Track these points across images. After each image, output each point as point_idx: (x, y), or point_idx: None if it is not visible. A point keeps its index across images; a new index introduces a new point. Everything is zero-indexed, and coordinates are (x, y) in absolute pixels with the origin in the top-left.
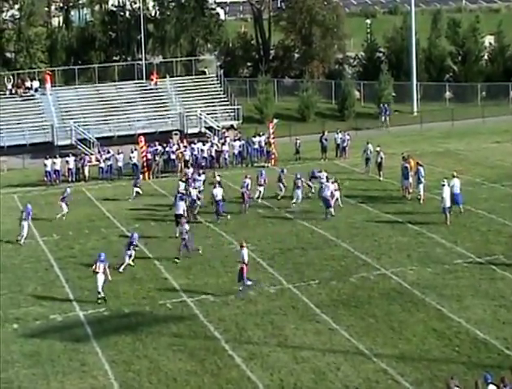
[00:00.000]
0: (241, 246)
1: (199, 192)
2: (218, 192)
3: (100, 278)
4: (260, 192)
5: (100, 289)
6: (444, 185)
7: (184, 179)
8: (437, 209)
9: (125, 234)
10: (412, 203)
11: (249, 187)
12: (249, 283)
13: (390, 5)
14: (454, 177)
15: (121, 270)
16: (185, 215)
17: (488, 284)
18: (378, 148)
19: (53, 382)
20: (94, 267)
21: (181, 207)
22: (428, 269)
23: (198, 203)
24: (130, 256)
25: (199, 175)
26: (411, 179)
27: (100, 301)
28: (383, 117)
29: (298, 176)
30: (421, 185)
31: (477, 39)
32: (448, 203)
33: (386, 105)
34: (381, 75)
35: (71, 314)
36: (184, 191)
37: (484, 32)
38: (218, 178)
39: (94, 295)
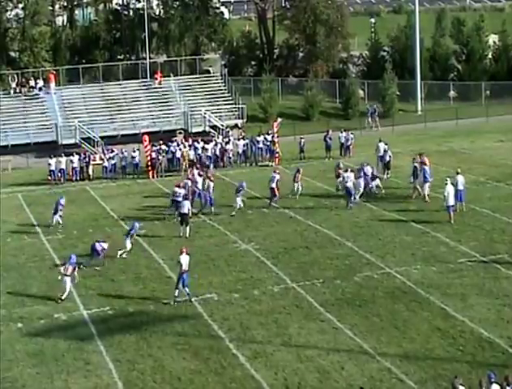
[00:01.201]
0: (181, 252)
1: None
2: (181, 192)
3: (68, 280)
4: (297, 188)
5: (67, 292)
6: (447, 183)
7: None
8: (441, 208)
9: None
10: (417, 202)
11: (279, 182)
12: (187, 290)
13: (395, 4)
14: (458, 173)
15: (118, 254)
16: (190, 214)
17: (492, 282)
18: (386, 147)
19: (57, 380)
20: (63, 269)
21: (186, 207)
22: (433, 268)
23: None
24: (130, 244)
25: (199, 175)
26: (420, 178)
27: (59, 301)
28: (369, 119)
29: (365, 165)
30: (426, 185)
31: (481, 38)
32: (451, 202)
33: (374, 106)
34: (385, 74)
35: (75, 313)
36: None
37: (489, 30)
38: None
39: (99, 294)
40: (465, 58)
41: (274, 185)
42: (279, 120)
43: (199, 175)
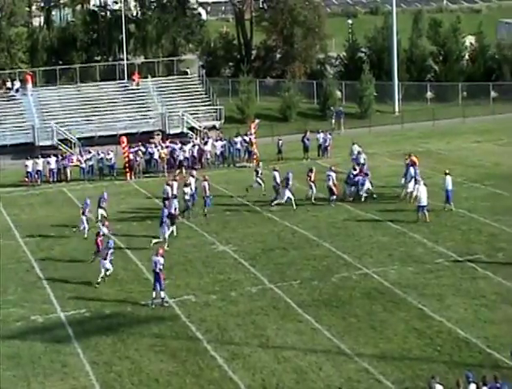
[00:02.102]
0: (156, 253)
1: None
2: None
3: (106, 263)
4: (312, 190)
5: (102, 273)
6: (420, 183)
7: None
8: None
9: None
10: (394, 202)
11: (278, 180)
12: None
13: (372, 5)
14: (446, 174)
15: (152, 243)
16: (177, 214)
17: (469, 283)
18: (360, 149)
19: (34, 383)
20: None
21: (174, 206)
22: (410, 268)
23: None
24: (172, 232)
25: (192, 176)
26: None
27: (96, 286)
28: (333, 121)
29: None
30: (416, 186)
31: (458, 39)
32: (423, 202)
33: (339, 108)
34: (362, 75)
35: (52, 315)
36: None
37: (465, 32)
38: None
39: (75, 296)
40: (442, 59)
41: (274, 183)
42: (257, 121)
43: (192, 176)
